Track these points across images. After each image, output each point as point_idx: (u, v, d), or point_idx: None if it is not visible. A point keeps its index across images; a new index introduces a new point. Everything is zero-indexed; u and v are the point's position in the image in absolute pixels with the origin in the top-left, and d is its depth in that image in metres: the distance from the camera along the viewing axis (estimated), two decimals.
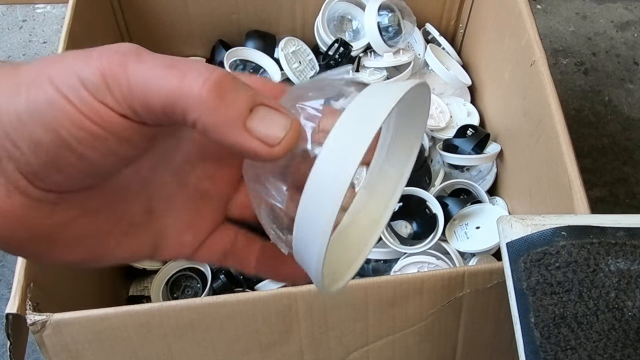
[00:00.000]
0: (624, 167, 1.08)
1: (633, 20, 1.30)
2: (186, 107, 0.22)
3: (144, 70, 0.23)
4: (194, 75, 0.22)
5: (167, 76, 0.22)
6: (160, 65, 0.23)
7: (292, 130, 0.24)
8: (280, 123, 0.24)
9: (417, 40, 0.93)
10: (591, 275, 0.43)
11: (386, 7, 0.88)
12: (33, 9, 1.35)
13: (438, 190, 0.79)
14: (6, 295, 0.94)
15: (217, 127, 0.23)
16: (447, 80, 0.87)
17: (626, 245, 0.44)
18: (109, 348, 0.53)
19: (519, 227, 0.45)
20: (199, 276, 0.77)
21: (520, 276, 0.44)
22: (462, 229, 0.76)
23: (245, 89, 0.24)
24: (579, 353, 0.41)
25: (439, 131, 0.84)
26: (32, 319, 0.50)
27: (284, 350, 0.57)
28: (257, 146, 0.23)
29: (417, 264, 0.73)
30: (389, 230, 0.74)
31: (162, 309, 0.52)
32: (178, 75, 0.22)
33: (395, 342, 0.59)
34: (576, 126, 1.13)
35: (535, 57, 0.69)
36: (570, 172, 0.58)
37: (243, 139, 0.23)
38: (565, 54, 1.24)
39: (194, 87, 0.22)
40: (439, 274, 0.55)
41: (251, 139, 0.23)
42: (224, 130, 0.23)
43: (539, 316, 0.42)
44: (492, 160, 0.81)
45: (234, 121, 0.23)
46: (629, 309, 0.42)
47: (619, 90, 1.19)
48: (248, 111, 0.23)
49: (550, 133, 0.63)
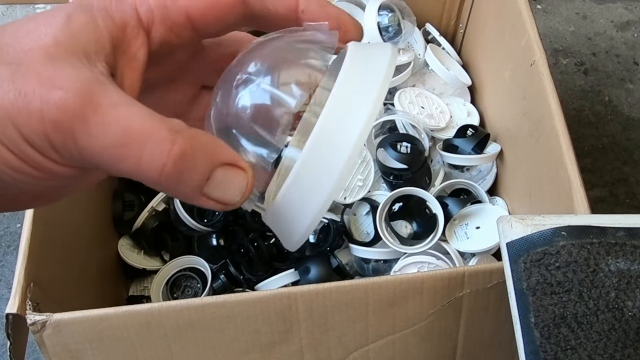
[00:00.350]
0: (624, 167, 1.08)
1: (633, 20, 1.30)
2: (143, 180, 0.23)
3: (95, 147, 0.22)
4: (150, 157, 0.22)
5: (122, 157, 0.22)
6: (112, 143, 0.22)
7: (248, 188, 0.25)
8: (237, 186, 0.25)
9: (417, 40, 0.93)
10: (591, 275, 0.43)
11: (386, 7, 0.88)
12: (33, 9, 1.35)
13: (438, 190, 0.79)
14: (6, 295, 0.94)
15: (174, 195, 0.24)
16: (447, 80, 0.87)
17: (626, 245, 0.44)
18: (109, 348, 0.53)
19: (519, 227, 0.45)
20: (199, 276, 0.77)
21: (520, 276, 0.44)
22: (462, 229, 0.76)
23: (205, 155, 0.24)
24: (579, 353, 0.41)
25: (439, 131, 0.84)
26: (32, 319, 0.50)
27: (284, 350, 0.57)
28: (213, 205, 0.25)
29: (417, 264, 0.73)
30: (389, 230, 0.75)
31: (162, 309, 0.52)
32: (134, 157, 0.22)
33: (395, 342, 0.59)
34: (576, 126, 1.13)
35: (535, 57, 0.69)
36: (570, 172, 0.58)
37: (200, 201, 0.24)
38: (565, 54, 1.24)
39: (151, 172, 0.22)
40: (439, 274, 0.55)
41: (207, 201, 0.24)
42: (181, 197, 0.24)
43: (539, 316, 0.42)
44: (492, 160, 0.81)
45: (191, 193, 0.24)
46: (629, 309, 0.42)
47: (619, 90, 1.19)
48: (205, 180, 0.24)
49: (550, 133, 0.63)
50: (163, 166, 0.22)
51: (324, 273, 0.71)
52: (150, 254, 0.80)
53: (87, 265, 0.72)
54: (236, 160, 0.25)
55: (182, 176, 0.23)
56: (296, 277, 0.73)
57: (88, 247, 0.74)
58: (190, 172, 0.23)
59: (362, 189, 0.78)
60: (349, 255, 0.77)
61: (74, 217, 0.70)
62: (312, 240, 0.75)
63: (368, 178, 0.79)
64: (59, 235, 0.63)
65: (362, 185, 0.78)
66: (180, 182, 0.23)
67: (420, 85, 0.91)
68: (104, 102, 0.22)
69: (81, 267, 0.70)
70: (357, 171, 0.78)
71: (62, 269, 0.63)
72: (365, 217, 0.79)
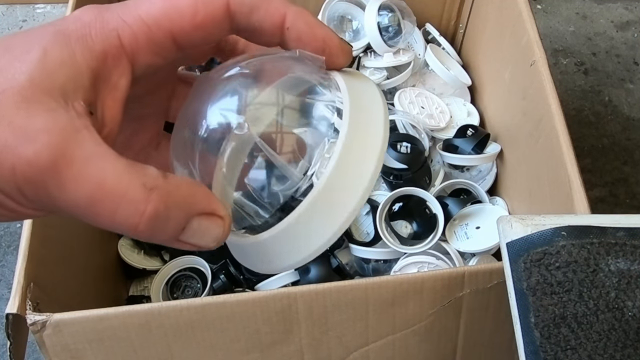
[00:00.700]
0: (624, 167, 1.08)
1: (633, 20, 1.30)
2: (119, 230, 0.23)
3: (68, 201, 0.22)
4: (123, 216, 0.22)
5: (95, 213, 0.22)
6: (85, 199, 0.22)
7: (223, 235, 0.25)
8: (212, 235, 0.25)
9: (417, 40, 0.93)
10: (591, 275, 0.43)
11: (386, 7, 0.88)
12: (33, 9, 1.35)
13: (438, 190, 0.79)
14: (6, 295, 0.94)
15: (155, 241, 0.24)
16: (447, 80, 0.87)
17: (626, 245, 0.44)
18: (109, 348, 0.53)
19: (519, 227, 0.45)
20: (199, 276, 0.77)
21: (520, 276, 0.44)
22: (462, 229, 0.76)
23: (180, 209, 0.24)
24: (579, 353, 0.41)
25: (439, 131, 0.84)
26: (32, 319, 0.50)
27: (284, 350, 0.57)
28: (189, 248, 0.25)
29: (417, 264, 0.73)
30: (389, 230, 0.74)
31: (162, 309, 0.52)
32: (107, 215, 0.22)
33: (395, 342, 0.59)
34: (576, 126, 1.13)
35: (535, 57, 0.69)
36: (570, 172, 0.58)
37: (176, 245, 0.24)
38: (565, 54, 1.24)
39: (125, 228, 0.22)
40: (439, 274, 0.55)
41: (183, 245, 0.25)
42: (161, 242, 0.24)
43: (539, 316, 0.42)
44: (492, 160, 0.81)
45: (167, 240, 0.24)
46: (629, 309, 0.42)
47: (619, 90, 1.19)
48: (181, 230, 0.24)
49: (550, 133, 0.63)
50: (136, 225, 0.22)
51: (324, 273, 0.71)
52: (150, 254, 0.80)
53: (87, 265, 0.72)
54: (213, 208, 0.24)
55: (155, 232, 0.23)
56: (296, 277, 0.73)
57: (88, 247, 0.74)
58: (163, 227, 0.23)
59: None
60: (349, 255, 0.77)
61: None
62: None
63: None
64: (59, 235, 0.63)
65: None
66: (154, 236, 0.23)
67: (420, 85, 0.91)
68: (78, 155, 0.21)
69: (81, 267, 0.70)
70: None
71: (62, 269, 0.63)
72: (365, 217, 0.79)
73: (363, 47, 0.89)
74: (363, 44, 0.89)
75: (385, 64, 0.88)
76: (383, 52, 0.88)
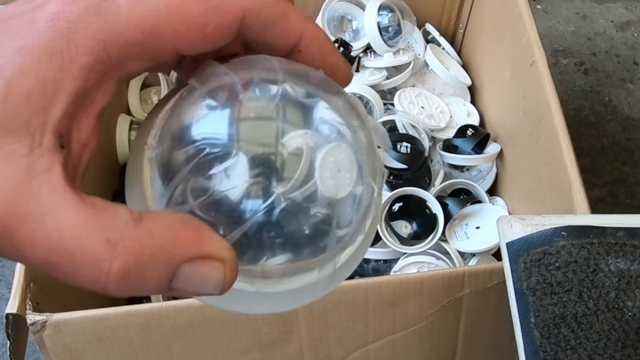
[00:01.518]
0: (624, 167, 1.08)
1: (633, 20, 1.30)
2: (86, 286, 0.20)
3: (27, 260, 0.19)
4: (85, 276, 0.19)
5: (57, 274, 0.20)
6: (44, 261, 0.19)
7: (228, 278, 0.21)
8: (212, 282, 0.21)
9: (417, 40, 0.93)
10: (591, 275, 0.43)
11: (386, 7, 0.88)
12: None
13: (438, 190, 0.79)
14: (6, 295, 0.94)
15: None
16: (447, 80, 0.87)
17: (626, 245, 0.44)
18: (109, 348, 0.53)
19: (519, 227, 0.45)
20: None
21: (520, 276, 0.44)
22: (462, 229, 0.76)
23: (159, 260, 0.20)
24: (579, 353, 0.41)
25: (439, 131, 0.84)
26: (32, 319, 0.50)
27: (284, 350, 0.57)
28: (191, 296, 0.22)
29: (417, 264, 0.73)
30: (388, 230, 0.75)
31: (162, 309, 0.52)
32: (69, 277, 0.19)
33: (395, 342, 0.59)
34: (576, 126, 1.13)
35: (535, 57, 0.69)
36: (570, 172, 0.58)
37: (174, 294, 0.21)
38: (565, 54, 1.24)
39: (93, 288, 0.19)
40: (439, 274, 0.55)
41: (183, 294, 0.21)
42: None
43: (539, 316, 0.42)
44: (492, 160, 0.81)
45: (155, 293, 0.21)
46: (629, 309, 0.42)
47: (619, 90, 1.19)
48: (168, 281, 0.20)
49: (550, 133, 0.63)
50: (104, 286, 0.19)
51: None
52: None
53: None
54: (205, 252, 0.21)
55: (133, 288, 0.20)
56: None
57: None
58: (142, 282, 0.20)
59: None
60: None
61: None
62: None
63: None
64: None
65: None
66: (134, 292, 0.20)
67: (420, 85, 0.91)
68: (31, 211, 0.19)
69: None
70: None
71: None
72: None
73: (363, 47, 0.89)
74: (363, 44, 0.89)
75: (385, 64, 0.88)
76: (383, 52, 0.88)
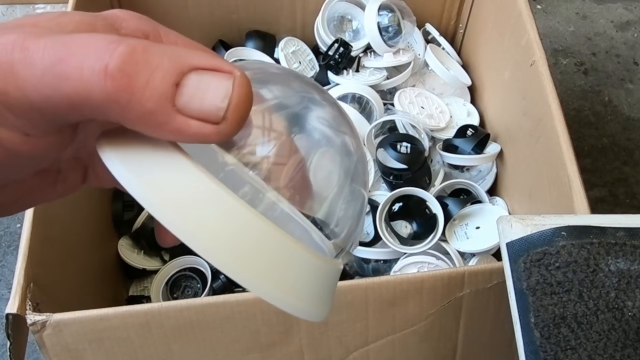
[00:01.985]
0: (624, 167, 1.08)
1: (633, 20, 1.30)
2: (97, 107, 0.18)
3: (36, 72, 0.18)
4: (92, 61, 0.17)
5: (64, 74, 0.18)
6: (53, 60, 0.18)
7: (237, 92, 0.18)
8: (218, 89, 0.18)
9: (417, 40, 0.93)
10: (591, 275, 0.43)
11: (386, 7, 0.88)
12: (33, 9, 1.35)
13: (438, 190, 0.79)
14: (6, 295, 0.94)
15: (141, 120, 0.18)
16: (447, 80, 0.87)
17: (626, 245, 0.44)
18: (109, 348, 0.53)
19: (519, 227, 0.45)
20: (199, 276, 0.77)
21: (520, 276, 0.44)
22: (462, 229, 0.76)
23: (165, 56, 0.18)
24: (579, 353, 0.41)
25: (439, 131, 0.84)
26: (32, 319, 0.50)
27: (284, 350, 0.57)
28: (199, 128, 0.18)
29: (417, 264, 0.73)
30: (388, 230, 0.75)
31: (162, 309, 0.52)
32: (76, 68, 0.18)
33: (395, 342, 0.59)
34: (576, 126, 1.13)
35: (535, 57, 0.69)
36: (570, 172, 0.58)
37: (178, 125, 0.18)
38: (565, 54, 1.24)
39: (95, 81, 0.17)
40: (439, 274, 0.55)
41: (188, 122, 0.18)
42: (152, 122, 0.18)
43: (539, 316, 0.42)
44: (492, 160, 0.81)
45: (158, 107, 0.18)
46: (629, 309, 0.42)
47: (619, 90, 1.19)
48: (174, 86, 0.18)
49: (550, 133, 0.63)
50: (106, 66, 0.17)
51: None
52: (150, 254, 0.80)
53: (87, 265, 0.72)
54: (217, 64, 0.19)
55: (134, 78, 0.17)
56: None
57: (88, 247, 0.74)
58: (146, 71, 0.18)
59: None
60: (349, 255, 0.77)
61: (74, 217, 0.69)
62: None
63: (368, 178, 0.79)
64: (59, 235, 0.63)
65: None
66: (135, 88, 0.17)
67: (420, 85, 0.91)
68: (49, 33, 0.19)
69: (81, 267, 0.70)
70: None
71: (62, 269, 0.63)
72: (365, 217, 0.79)
73: (363, 47, 0.89)
74: (363, 44, 0.89)
75: (385, 64, 0.88)
76: (383, 52, 0.88)
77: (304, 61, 0.91)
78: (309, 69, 0.91)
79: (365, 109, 0.84)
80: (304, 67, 0.91)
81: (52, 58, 0.18)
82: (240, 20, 0.94)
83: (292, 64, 0.89)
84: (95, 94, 0.18)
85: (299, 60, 0.91)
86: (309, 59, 0.92)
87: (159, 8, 0.91)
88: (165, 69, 0.18)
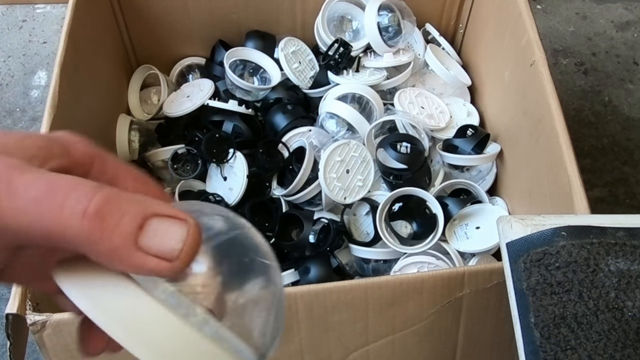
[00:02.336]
0: (624, 167, 1.08)
1: (633, 20, 1.30)
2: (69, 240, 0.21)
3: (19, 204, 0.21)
4: (72, 203, 0.21)
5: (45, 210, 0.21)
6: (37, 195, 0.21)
7: (191, 237, 0.22)
8: (176, 233, 0.22)
9: (417, 40, 0.93)
10: (591, 276, 0.43)
11: (386, 7, 0.88)
12: (33, 9, 1.35)
13: (438, 190, 0.79)
14: (6, 295, 0.94)
15: (107, 254, 0.22)
16: (447, 80, 0.87)
17: (626, 245, 0.44)
18: None
19: (519, 227, 0.45)
20: None
21: (520, 276, 0.44)
22: (462, 229, 0.76)
23: (132, 204, 0.22)
24: (579, 353, 0.41)
25: (439, 131, 0.84)
26: (32, 319, 0.50)
27: (284, 350, 0.57)
28: (156, 265, 0.22)
29: (417, 264, 0.73)
30: (388, 231, 0.75)
31: None
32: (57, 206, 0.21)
33: (395, 342, 0.59)
34: (576, 126, 1.13)
35: (535, 57, 0.69)
36: (570, 172, 0.58)
37: (138, 261, 0.22)
38: (565, 54, 1.25)
39: (73, 219, 0.21)
40: (439, 274, 0.55)
41: (147, 259, 0.22)
42: (116, 257, 0.22)
43: (538, 316, 0.42)
44: (492, 160, 0.81)
45: (123, 246, 0.22)
46: (629, 309, 0.42)
47: (619, 90, 1.19)
48: (138, 229, 0.22)
49: (550, 133, 0.63)
50: (85, 210, 0.21)
51: (323, 273, 0.71)
52: None
53: None
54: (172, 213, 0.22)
55: (107, 221, 0.21)
56: (296, 277, 0.73)
57: None
58: (116, 216, 0.21)
59: (362, 189, 0.78)
60: (349, 255, 0.77)
61: None
62: (312, 241, 0.75)
63: (368, 178, 0.79)
64: None
65: (362, 186, 0.78)
66: (106, 229, 0.21)
67: (420, 85, 0.91)
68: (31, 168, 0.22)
69: None
70: (357, 171, 0.78)
71: None
72: (365, 217, 0.79)
73: (363, 47, 0.89)
74: (363, 44, 0.89)
75: (385, 64, 0.88)
76: (383, 52, 0.88)
77: (303, 61, 0.91)
78: (309, 69, 0.91)
79: (365, 109, 0.84)
80: (304, 67, 0.91)
81: (35, 194, 0.21)
82: (240, 20, 0.94)
83: (292, 64, 0.89)
84: (71, 230, 0.21)
85: (299, 60, 0.91)
86: (309, 59, 0.92)
87: (159, 8, 0.91)
88: (132, 214, 0.22)
